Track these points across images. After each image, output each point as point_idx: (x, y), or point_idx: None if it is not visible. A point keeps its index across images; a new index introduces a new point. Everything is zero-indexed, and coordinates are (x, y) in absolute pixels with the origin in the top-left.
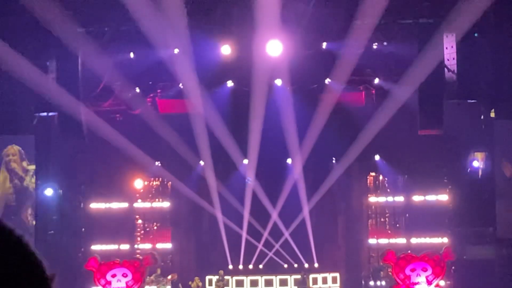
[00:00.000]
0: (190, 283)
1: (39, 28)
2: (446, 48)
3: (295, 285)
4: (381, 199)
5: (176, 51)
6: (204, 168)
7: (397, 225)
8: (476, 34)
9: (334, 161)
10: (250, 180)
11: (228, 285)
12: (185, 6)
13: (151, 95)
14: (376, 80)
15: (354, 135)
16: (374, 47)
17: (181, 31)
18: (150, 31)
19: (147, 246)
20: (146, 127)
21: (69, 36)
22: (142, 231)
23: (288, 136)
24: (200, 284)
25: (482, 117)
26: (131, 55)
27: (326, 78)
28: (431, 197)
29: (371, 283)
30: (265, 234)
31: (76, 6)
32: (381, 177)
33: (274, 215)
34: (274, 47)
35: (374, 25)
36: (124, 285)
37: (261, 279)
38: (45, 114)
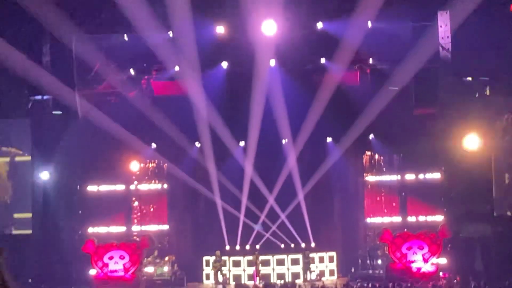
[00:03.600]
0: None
1: (32, 15)
2: (441, 26)
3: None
4: (377, 178)
5: (170, 34)
6: (199, 150)
7: (393, 204)
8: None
9: (330, 141)
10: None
11: (225, 266)
12: None
13: (146, 77)
14: (371, 60)
15: (349, 115)
16: (369, 25)
17: (176, 13)
18: (144, 14)
19: (144, 228)
20: (141, 109)
21: (63, 21)
22: (139, 213)
23: (282, 117)
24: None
25: (477, 94)
26: (125, 37)
27: (321, 58)
28: (426, 176)
29: (368, 261)
30: (262, 216)
31: None
32: (376, 156)
33: (271, 197)
34: (269, 27)
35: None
36: (122, 267)
37: (258, 259)
38: (39, 97)
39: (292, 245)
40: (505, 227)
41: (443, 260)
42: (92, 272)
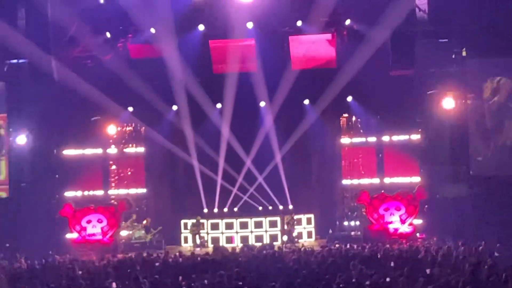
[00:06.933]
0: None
1: None
2: None
3: (285, 224)
4: (354, 140)
5: None
6: (177, 113)
7: (370, 166)
8: None
9: (307, 103)
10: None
11: (203, 229)
12: None
13: (122, 40)
14: (348, 22)
15: (326, 78)
16: None
17: None
18: None
19: (122, 191)
20: (118, 72)
21: None
22: (116, 177)
23: (259, 79)
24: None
25: (453, 56)
26: (101, 0)
27: (298, 21)
28: (403, 137)
29: (345, 223)
30: (240, 179)
31: None
32: (354, 118)
33: (248, 160)
34: None
35: None
36: (99, 230)
37: (236, 222)
38: (15, 61)
39: (270, 208)
40: (481, 187)
41: (420, 221)
42: (70, 236)
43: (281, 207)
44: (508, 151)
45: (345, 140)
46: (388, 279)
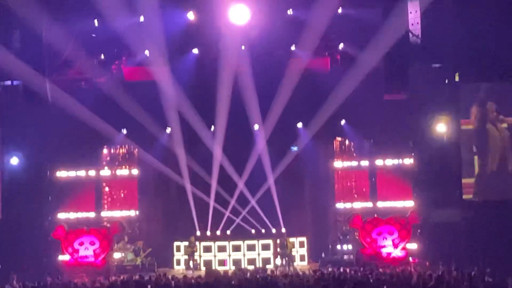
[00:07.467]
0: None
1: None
2: (411, 12)
3: (278, 247)
4: (347, 163)
5: (141, 18)
6: (170, 136)
7: (363, 189)
8: None
9: (300, 126)
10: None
11: (197, 251)
12: None
13: (116, 62)
14: (341, 46)
15: (320, 101)
16: (339, 11)
17: None
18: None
19: (115, 214)
20: (112, 94)
21: (33, 6)
22: (109, 199)
23: (252, 102)
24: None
25: (446, 81)
26: (95, 23)
27: (292, 45)
28: (396, 161)
29: (338, 247)
30: (232, 201)
31: None
32: (347, 142)
33: (241, 182)
34: (240, 13)
35: None
36: (92, 253)
37: (229, 245)
38: (9, 83)
39: (263, 231)
40: (474, 212)
41: (413, 246)
42: (63, 258)
43: (274, 230)
44: (497, 175)
45: (338, 164)
46: None
